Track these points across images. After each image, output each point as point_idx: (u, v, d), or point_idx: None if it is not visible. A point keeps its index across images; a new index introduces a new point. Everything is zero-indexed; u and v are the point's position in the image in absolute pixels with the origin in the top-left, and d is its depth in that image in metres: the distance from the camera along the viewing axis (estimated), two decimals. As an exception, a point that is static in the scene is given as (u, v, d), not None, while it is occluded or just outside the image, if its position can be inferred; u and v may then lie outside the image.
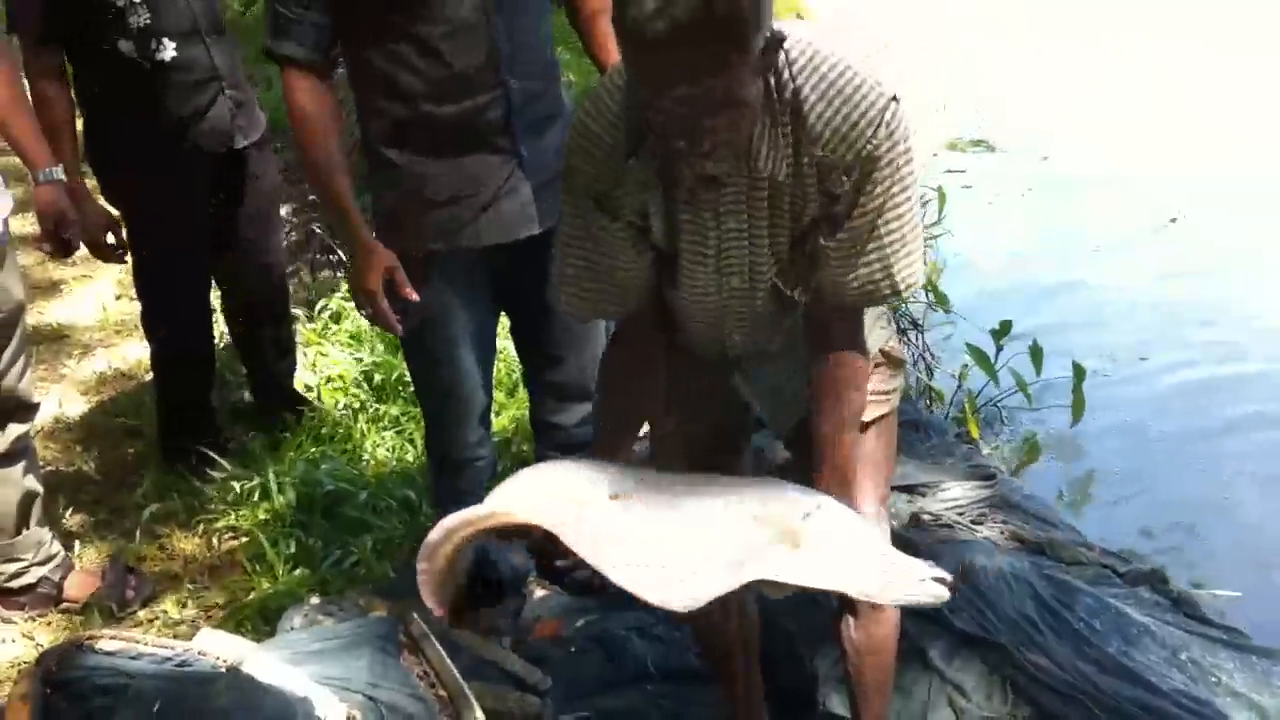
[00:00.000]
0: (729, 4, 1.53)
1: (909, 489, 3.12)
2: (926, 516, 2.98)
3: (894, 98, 1.73)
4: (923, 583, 1.66)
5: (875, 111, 1.72)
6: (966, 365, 4.49)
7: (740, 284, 1.89)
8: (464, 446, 2.78)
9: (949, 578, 1.66)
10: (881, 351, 2.10)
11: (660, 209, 1.84)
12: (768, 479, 1.90)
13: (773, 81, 1.71)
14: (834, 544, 1.69)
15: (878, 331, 2.08)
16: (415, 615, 2.54)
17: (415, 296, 2.54)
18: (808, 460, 1.95)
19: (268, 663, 2.32)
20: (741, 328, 1.98)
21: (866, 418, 2.05)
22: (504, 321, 2.88)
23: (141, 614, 3.18)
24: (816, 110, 1.72)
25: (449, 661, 2.43)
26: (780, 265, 1.87)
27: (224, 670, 2.40)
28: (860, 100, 1.72)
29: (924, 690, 2.47)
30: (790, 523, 1.71)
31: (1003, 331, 4.53)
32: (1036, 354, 4.42)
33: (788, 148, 1.74)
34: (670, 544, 1.70)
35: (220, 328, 3.96)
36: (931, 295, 5.12)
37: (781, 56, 1.71)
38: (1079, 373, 4.44)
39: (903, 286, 1.87)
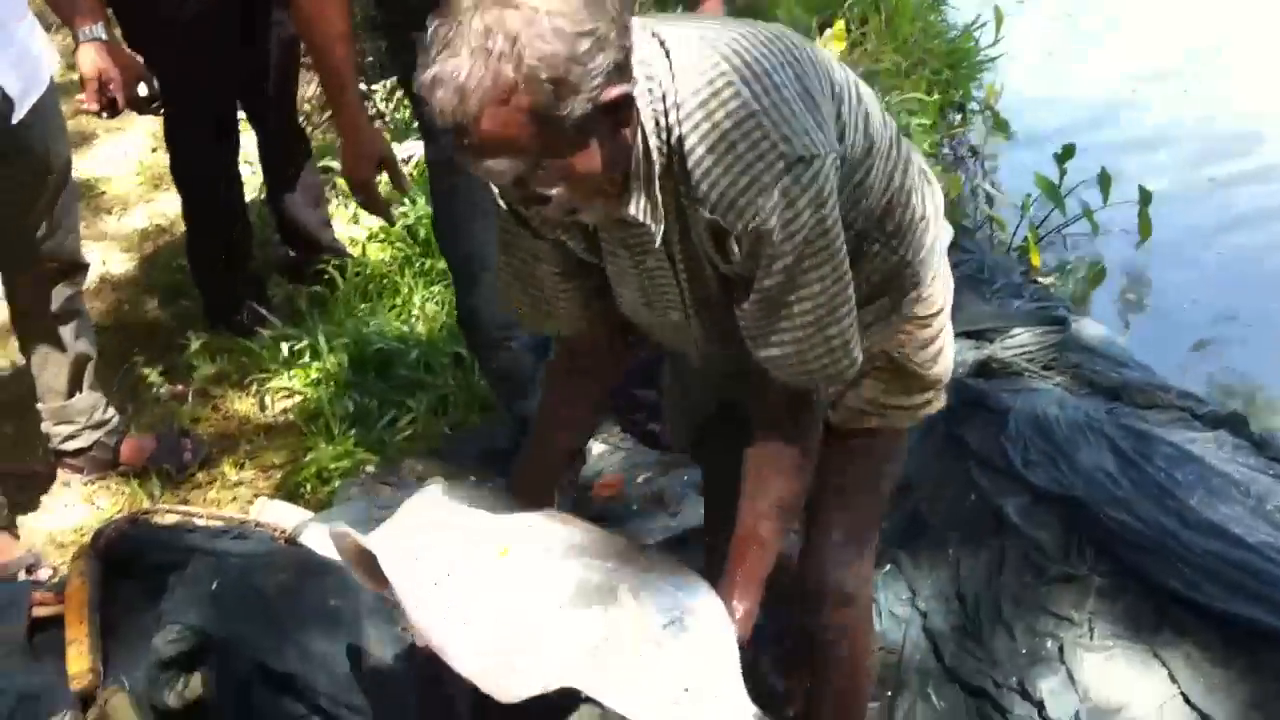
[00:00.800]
0: (522, 79, 1.27)
1: (976, 334, 2.99)
2: (995, 364, 2.87)
3: (801, 158, 1.39)
4: None
5: (769, 176, 1.39)
6: (1030, 196, 4.33)
7: (679, 319, 1.64)
8: (491, 325, 2.64)
9: None
10: (884, 352, 1.75)
11: (574, 233, 1.60)
12: (674, 564, 1.69)
13: (651, 125, 1.41)
14: (655, 669, 1.52)
15: (876, 325, 1.71)
16: (473, 480, 2.50)
17: (409, 188, 2.35)
18: None
19: (325, 534, 2.28)
20: (693, 348, 1.74)
21: (851, 425, 1.79)
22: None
23: (199, 476, 3.17)
24: (703, 166, 1.41)
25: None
26: (706, 315, 1.62)
27: (281, 544, 2.38)
28: (754, 161, 1.39)
29: (998, 548, 2.40)
30: (641, 628, 1.56)
31: (1066, 155, 4.37)
32: (1105, 181, 4.26)
33: (684, 199, 1.46)
34: (515, 630, 1.57)
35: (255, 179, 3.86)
36: (991, 120, 4.92)
37: (670, 96, 1.41)
38: (1145, 196, 4.29)
39: (819, 378, 1.57)
